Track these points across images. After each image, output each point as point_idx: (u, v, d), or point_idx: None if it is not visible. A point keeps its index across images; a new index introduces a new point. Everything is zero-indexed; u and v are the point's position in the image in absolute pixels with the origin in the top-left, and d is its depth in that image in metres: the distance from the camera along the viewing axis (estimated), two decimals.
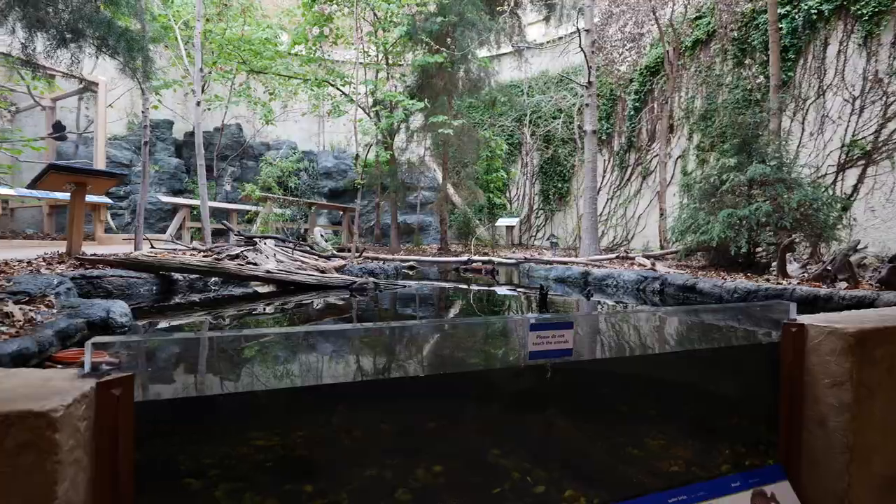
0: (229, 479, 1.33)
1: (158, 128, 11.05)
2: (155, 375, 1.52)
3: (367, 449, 1.41)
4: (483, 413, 1.65)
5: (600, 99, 12.34)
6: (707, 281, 3.92)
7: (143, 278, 3.85)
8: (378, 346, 1.61)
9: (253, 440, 1.37)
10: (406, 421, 1.43)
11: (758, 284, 3.53)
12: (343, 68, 10.16)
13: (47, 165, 4.08)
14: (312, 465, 1.35)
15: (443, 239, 10.18)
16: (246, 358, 1.54)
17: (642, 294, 4.52)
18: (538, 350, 1.77)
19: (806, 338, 2.22)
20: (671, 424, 1.92)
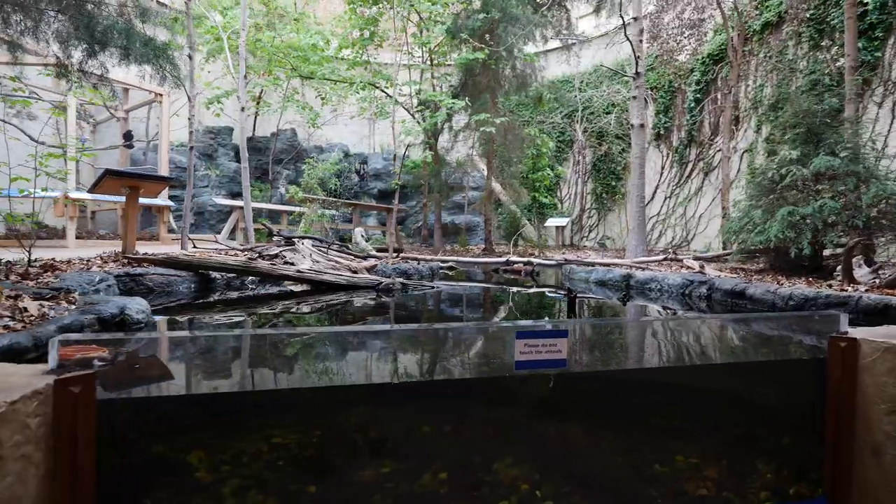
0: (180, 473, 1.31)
1: (220, 134, 11.73)
2: (126, 373, 1.54)
3: (333, 454, 1.35)
4: (461, 425, 1.54)
5: (657, 91, 11.67)
6: (759, 286, 3.54)
7: (182, 276, 4.05)
8: (340, 351, 1.55)
9: (213, 440, 1.35)
10: (364, 426, 1.35)
11: (817, 291, 3.13)
12: (389, 70, 10.28)
13: (104, 171, 4.41)
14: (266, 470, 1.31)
15: (487, 239, 10.04)
16: (211, 358, 1.52)
17: (688, 299, 4.17)
18: (526, 360, 1.63)
19: (858, 354, 1.93)
20: (697, 443, 1.72)
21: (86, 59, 2.46)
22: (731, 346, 2.02)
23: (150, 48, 2.65)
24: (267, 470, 1.29)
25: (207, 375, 1.46)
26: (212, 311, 3.39)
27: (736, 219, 4.50)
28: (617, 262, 5.59)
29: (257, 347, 1.57)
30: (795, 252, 3.82)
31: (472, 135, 9.21)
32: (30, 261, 3.68)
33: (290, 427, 1.35)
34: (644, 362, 1.78)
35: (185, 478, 1.30)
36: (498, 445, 1.53)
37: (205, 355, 1.56)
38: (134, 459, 1.30)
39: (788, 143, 4.28)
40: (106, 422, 1.28)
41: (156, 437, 1.31)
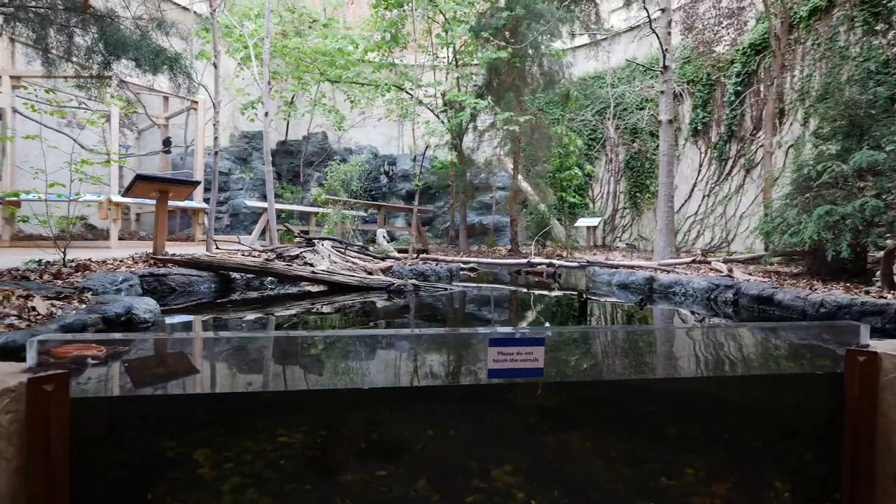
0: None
1: (254, 139, 12.11)
2: (100, 373, 1.58)
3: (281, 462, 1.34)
4: (424, 435, 1.50)
5: (695, 85, 11.19)
6: (788, 292, 3.30)
7: (203, 277, 4.18)
8: (300, 355, 1.54)
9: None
10: (313, 433, 1.33)
11: (852, 298, 2.89)
12: (415, 72, 10.32)
13: (135, 176, 4.63)
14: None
15: (513, 240, 9.91)
16: (181, 359, 1.55)
17: (713, 304, 3.96)
18: (500, 368, 1.58)
19: (878, 370, 1.77)
20: (696, 464, 1.61)
21: (102, 69, 2.58)
22: (737, 356, 1.88)
23: (162, 59, 2.76)
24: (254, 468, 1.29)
25: (178, 375, 1.49)
26: (222, 311, 3.48)
27: (769, 219, 4.23)
28: (641, 265, 5.38)
29: (227, 350, 1.58)
30: (832, 255, 3.54)
31: (497, 134, 9.12)
32: (64, 261, 3.91)
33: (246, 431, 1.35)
34: (634, 372, 1.68)
35: (153, 472, 1.32)
36: (465, 454, 1.48)
37: (178, 357, 1.58)
38: (106, 456, 1.33)
39: (829, 136, 3.98)
40: (78, 419, 1.32)
41: (118, 434, 1.34)
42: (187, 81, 3.14)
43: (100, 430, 1.34)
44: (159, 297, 3.80)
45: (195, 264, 4.22)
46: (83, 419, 1.32)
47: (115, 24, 2.48)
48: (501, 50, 7.71)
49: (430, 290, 4.48)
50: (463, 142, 9.69)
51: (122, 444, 1.32)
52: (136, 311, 2.41)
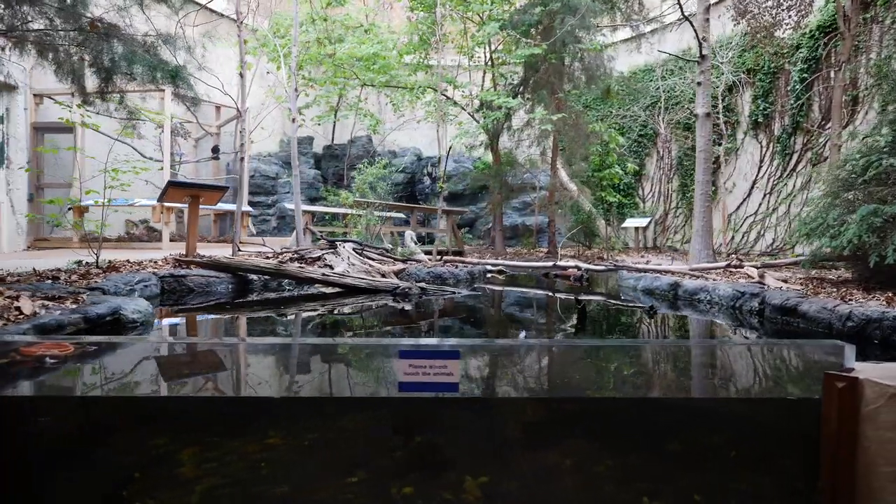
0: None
1: (301, 144, 12.60)
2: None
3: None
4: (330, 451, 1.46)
5: (754, 74, 10.31)
6: (814, 302, 2.94)
7: (221, 278, 4.40)
8: (195, 364, 1.55)
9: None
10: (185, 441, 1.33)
11: (884, 312, 2.52)
12: (451, 73, 10.30)
13: (167, 182, 4.95)
14: None
15: (550, 241, 9.63)
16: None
17: (738, 313, 3.61)
18: (411, 382, 1.51)
19: (860, 398, 1.55)
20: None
21: (103, 84, 2.79)
22: (701, 377, 1.68)
23: (163, 72, 2.94)
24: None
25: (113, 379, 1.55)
26: (227, 310, 3.63)
27: (809, 219, 3.78)
28: (670, 269, 5.01)
29: (160, 357, 1.63)
30: (875, 260, 3.10)
31: (532, 133, 8.90)
32: (97, 263, 4.25)
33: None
34: (559, 391, 1.55)
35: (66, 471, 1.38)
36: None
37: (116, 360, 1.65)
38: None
39: (884, 126, 3.50)
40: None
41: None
42: (188, 91, 3.32)
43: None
44: (178, 296, 4.04)
45: (215, 266, 4.45)
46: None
47: (111, 42, 2.68)
48: (535, 46, 7.50)
49: (438, 294, 4.43)
50: (499, 142, 9.55)
51: (26, 442, 1.39)
52: (123, 312, 2.56)
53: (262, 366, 1.59)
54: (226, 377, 1.52)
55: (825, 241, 3.46)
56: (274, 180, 11.68)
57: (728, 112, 10.90)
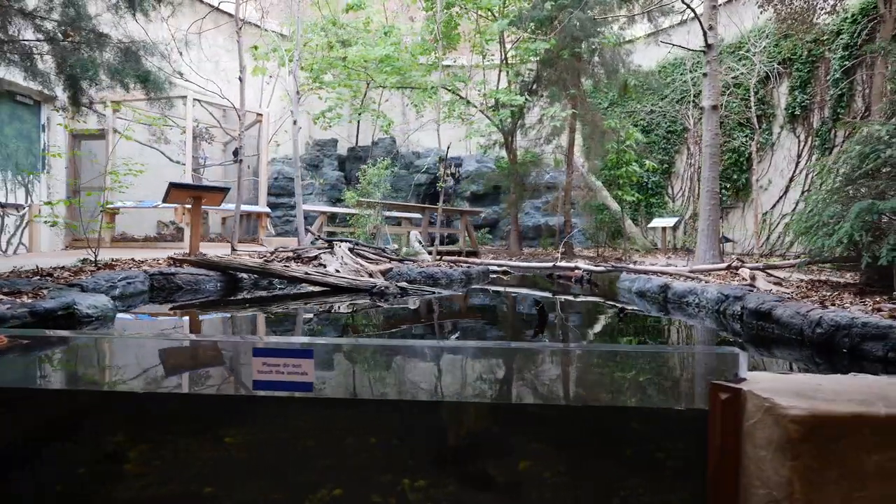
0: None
1: (325, 146, 12.92)
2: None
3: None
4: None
5: (792, 64, 9.64)
6: (789, 307, 2.70)
7: (211, 276, 4.55)
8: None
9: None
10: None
11: (853, 318, 2.28)
12: (464, 72, 10.24)
13: (168, 184, 5.19)
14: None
15: (565, 242, 9.37)
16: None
17: (721, 317, 3.38)
18: (265, 380, 1.51)
19: (742, 412, 1.44)
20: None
21: (68, 89, 2.96)
22: (586, 384, 1.57)
23: (129, 75, 3.09)
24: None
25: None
26: (203, 309, 3.75)
27: (805, 215, 3.47)
28: (667, 271, 4.75)
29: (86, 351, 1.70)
30: (868, 261, 2.80)
31: (544, 130, 8.70)
32: (95, 261, 4.51)
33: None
34: (414, 394, 1.49)
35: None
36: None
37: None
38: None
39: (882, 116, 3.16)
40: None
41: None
42: (158, 95, 3.47)
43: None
44: (167, 294, 4.22)
45: (205, 264, 4.61)
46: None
47: (78, 50, 2.84)
48: (542, 42, 7.34)
49: (417, 294, 4.40)
50: (514, 141, 9.40)
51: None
52: (77, 307, 2.69)
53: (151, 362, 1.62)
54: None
55: (819, 241, 3.17)
56: (293, 182, 12.03)
57: (762, 105, 10.25)
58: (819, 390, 1.29)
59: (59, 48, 2.77)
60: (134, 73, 3.12)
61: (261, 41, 8.31)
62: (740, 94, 10.55)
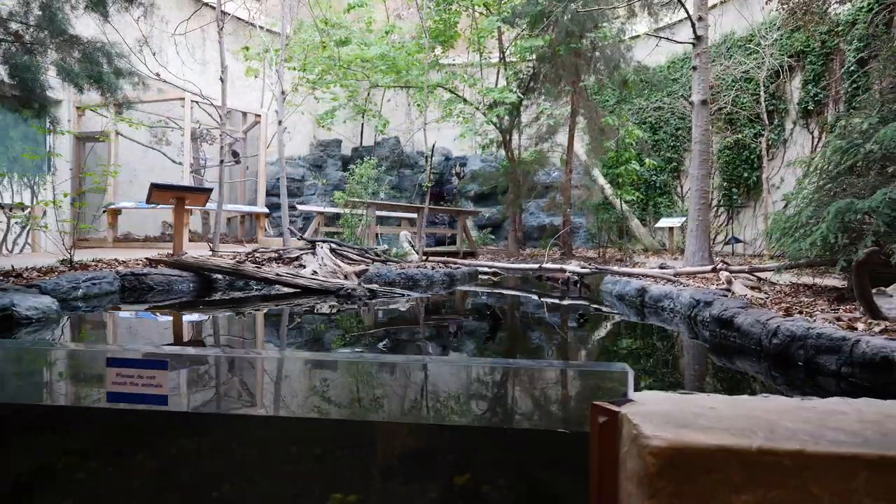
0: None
1: (329, 147, 12.95)
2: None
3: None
4: None
5: (804, 57, 9.22)
6: (750, 314, 2.51)
7: (184, 276, 4.55)
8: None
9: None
10: None
11: (809, 328, 2.09)
12: (469, 71, 10.11)
13: (150, 185, 5.22)
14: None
15: (564, 242, 9.17)
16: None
17: (692, 323, 3.20)
18: (120, 392, 1.43)
19: (620, 439, 1.31)
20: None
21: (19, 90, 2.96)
22: (449, 399, 1.44)
23: (81, 76, 3.09)
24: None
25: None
26: (163, 309, 3.72)
27: (785, 217, 3.25)
28: (651, 273, 4.54)
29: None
30: (843, 265, 2.59)
31: (541, 129, 8.52)
32: (72, 261, 4.55)
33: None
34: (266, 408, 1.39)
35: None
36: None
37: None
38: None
39: (871, 107, 2.93)
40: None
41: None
42: (112, 96, 3.46)
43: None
44: (139, 294, 4.22)
45: (181, 265, 4.61)
46: None
47: (30, 52, 2.85)
48: (536, 38, 7.17)
49: (387, 296, 4.31)
50: (512, 140, 9.23)
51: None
52: (16, 309, 2.67)
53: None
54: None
55: (796, 243, 2.96)
56: (300, 182, 12.08)
57: (774, 100, 9.85)
58: (702, 416, 1.15)
59: (8, 50, 2.78)
60: (86, 74, 3.12)
61: (252, 42, 8.35)
62: (750, 90, 10.15)
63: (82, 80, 3.14)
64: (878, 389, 1.77)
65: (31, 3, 3.47)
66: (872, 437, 1.03)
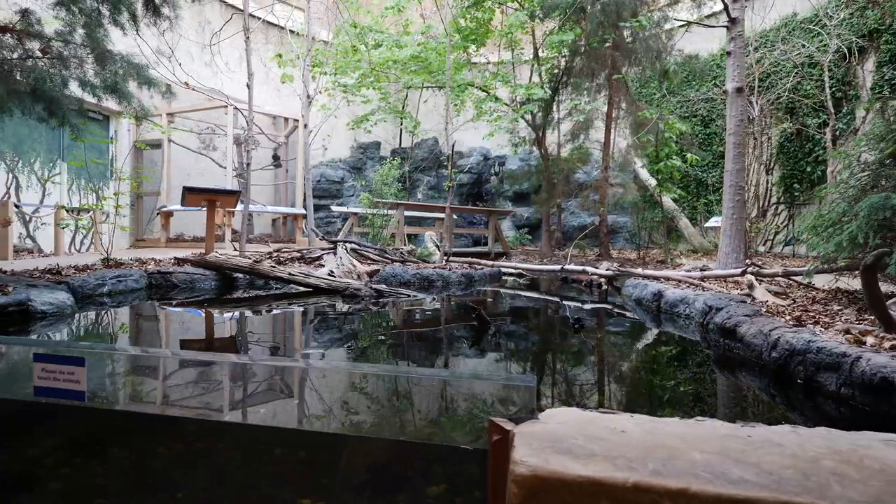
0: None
1: (368, 148, 13.19)
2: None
3: None
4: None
5: (879, 36, 8.28)
6: (755, 324, 2.25)
7: (207, 275, 4.76)
8: None
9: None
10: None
11: (810, 341, 1.82)
12: (504, 69, 9.94)
13: (183, 188, 5.51)
14: None
15: (602, 243, 8.78)
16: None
17: (705, 330, 2.93)
18: (46, 387, 1.48)
19: (509, 458, 1.22)
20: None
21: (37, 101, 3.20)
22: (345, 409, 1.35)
23: (98, 87, 3.30)
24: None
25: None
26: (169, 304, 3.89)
27: (818, 215, 2.87)
28: (674, 276, 4.21)
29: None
30: (864, 266, 2.24)
31: (574, 125, 8.20)
32: (108, 259, 4.88)
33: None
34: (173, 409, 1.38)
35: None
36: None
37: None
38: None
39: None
40: None
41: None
42: (130, 104, 3.67)
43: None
44: (164, 292, 4.46)
45: (203, 264, 4.83)
46: None
47: (55, 65, 3.09)
48: (566, 31, 6.91)
49: (393, 297, 4.28)
50: (545, 137, 8.98)
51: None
52: (32, 304, 2.88)
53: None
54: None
55: (825, 243, 2.62)
56: (340, 184, 12.38)
57: (843, 86, 8.93)
58: (599, 440, 1.01)
59: (35, 65, 3.02)
60: (103, 84, 3.33)
61: (284, 49, 8.62)
62: (815, 75, 9.27)
63: (99, 91, 3.36)
64: (881, 416, 1.52)
65: (75, 24, 3.78)
66: (789, 480, 0.86)
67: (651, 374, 2.23)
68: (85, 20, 3.70)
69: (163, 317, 3.55)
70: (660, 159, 7.73)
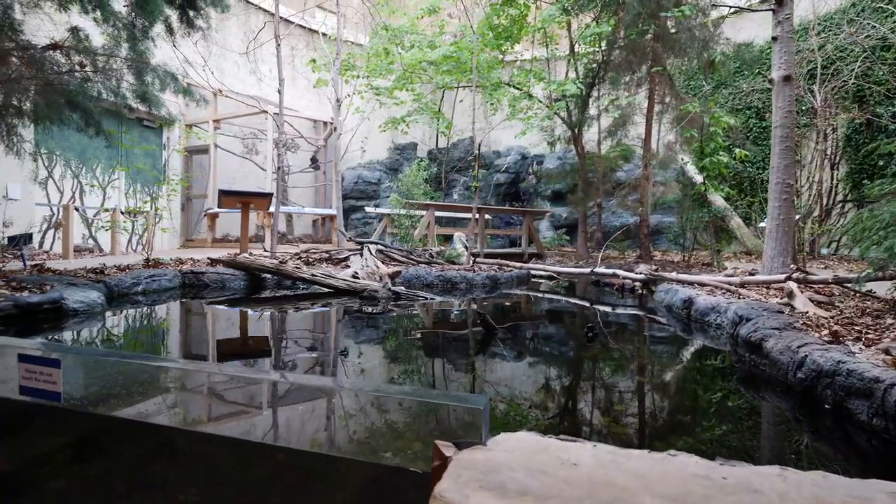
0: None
1: (405, 150, 13.28)
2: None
3: None
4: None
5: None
6: (782, 339, 2.02)
7: (236, 275, 4.91)
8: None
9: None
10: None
11: (839, 362, 1.60)
12: (539, 67, 9.72)
13: (219, 191, 5.73)
14: None
15: (643, 244, 8.37)
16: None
17: (734, 342, 2.68)
18: (30, 387, 1.53)
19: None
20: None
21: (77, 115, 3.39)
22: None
23: (125, 96, 3.47)
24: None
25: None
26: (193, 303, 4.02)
27: (862, 219, 2.54)
28: (709, 282, 3.90)
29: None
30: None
31: (614, 121, 7.87)
32: (148, 259, 5.14)
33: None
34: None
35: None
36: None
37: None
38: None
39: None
40: None
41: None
42: (158, 110, 3.83)
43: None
44: (196, 291, 4.64)
45: (233, 265, 4.99)
46: None
47: (90, 79, 3.28)
48: (603, 24, 6.64)
49: (411, 299, 4.24)
50: (581, 134, 8.68)
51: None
52: (65, 302, 3.05)
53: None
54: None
55: (869, 249, 2.32)
56: (377, 186, 12.54)
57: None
58: (542, 474, 0.91)
59: (73, 78, 3.23)
60: (132, 92, 3.50)
61: (317, 53, 8.79)
62: (889, 60, 8.44)
63: (130, 100, 3.53)
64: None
65: (119, 40, 4.01)
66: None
67: (657, 392, 2.05)
68: (127, 34, 3.92)
69: (178, 316, 3.68)
70: (705, 155, 7.27)
